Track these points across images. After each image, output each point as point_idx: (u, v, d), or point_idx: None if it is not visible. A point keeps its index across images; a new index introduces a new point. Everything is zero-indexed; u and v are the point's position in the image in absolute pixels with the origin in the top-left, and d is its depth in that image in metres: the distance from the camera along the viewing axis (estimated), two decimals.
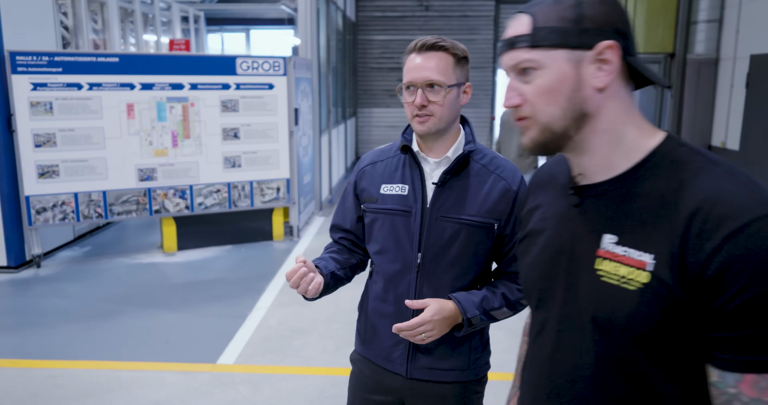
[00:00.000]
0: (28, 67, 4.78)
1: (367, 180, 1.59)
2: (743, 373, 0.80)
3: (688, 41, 6.81)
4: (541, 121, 0.89)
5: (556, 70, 0.87)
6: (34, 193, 4.87)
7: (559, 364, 0.96)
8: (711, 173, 0.83)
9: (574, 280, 0.93)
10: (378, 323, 1.57)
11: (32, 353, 3.48)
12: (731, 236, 0.77)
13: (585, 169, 0.93)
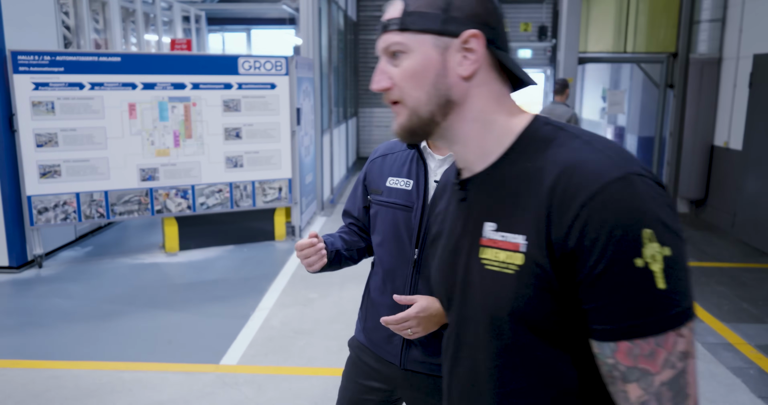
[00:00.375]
0: (30, 66, 4.77)
1: (377, 171, 1.62)
2: (617, 341, 0.78)
3: (691, 41, 6.79)
4: (408, 105, 0.89)
5: (422, 55, 0.87)
6: (35, 193, 4.86)
7: (462, 363, 0.95)
8: (570, 145, 0.83)
9: (468, 275, 0.91)
10: (376, 313, 1.61)
11: (34, 354, 3.47)
12: (586, 203, 0.76)
13: (464, 160, 0.93)
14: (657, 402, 0.78)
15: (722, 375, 3.29)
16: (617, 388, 0.81)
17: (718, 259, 5.49)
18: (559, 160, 0.82)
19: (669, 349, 0.77)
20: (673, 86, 6.99)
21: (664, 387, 0.77)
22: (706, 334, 3.81)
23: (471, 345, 0.93)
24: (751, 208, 5.90)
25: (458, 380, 0.96)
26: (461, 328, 0.95)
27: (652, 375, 0.77)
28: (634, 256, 0.75)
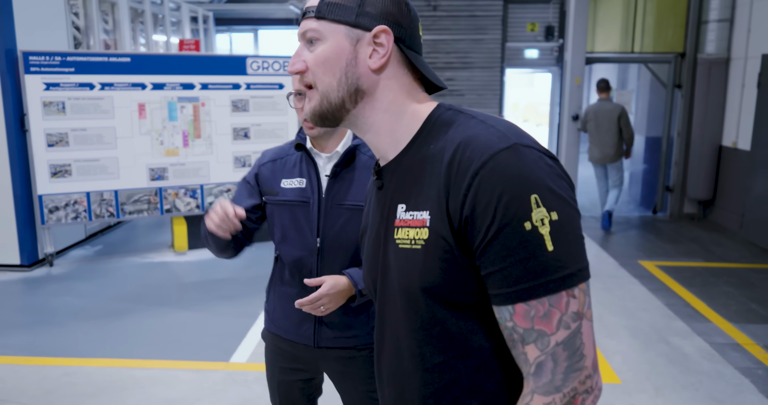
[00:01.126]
0: (41, 67, 4.82)
1: (268, 175, 1.75)
2: (513, 304, 0.81)
3: (699, 41, 6.77)
4: (320, 89, 0.93)
5: (334, 43, 0.91)
6: (46, 192, 4.90)
7: (388, 345, 0.98)
8: (466, 125, 0.88)
9: (385, 258, 0.95)
10: (285, 304, 1.75)
11: (46, 351, 3.51)
12: (477, 172, 0.81)
13: (378, 149, 0.97)
14: (553, 362, 0.80)
15: (730, 375, 3.29)
16: (518, 350, 0.83)
17: (725, 259, 5.48)
18: (455, 138, 0.86)
19: (562, 310, 0.80)
20: (680, 86, 6.97)
21: (560, 347, 0.80)
22: (714, 335, 3.81)
23: (393, 325, 0.96)
24: (760, 208, 5.88)
25: (386, 361, 1.00)
26: (383, 310, 0.98)
27: (548, 335, 0.80)
28: (523, 220, 0.78)
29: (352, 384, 1.78)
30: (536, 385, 0.82)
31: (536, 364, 0.81)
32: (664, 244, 6.03)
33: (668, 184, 7.23)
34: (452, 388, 0.90)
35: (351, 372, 1.77)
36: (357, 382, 1.77)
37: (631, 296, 4.47)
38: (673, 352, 3.54)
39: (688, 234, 6.39)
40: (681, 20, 6.93)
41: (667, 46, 7.04)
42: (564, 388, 0.80)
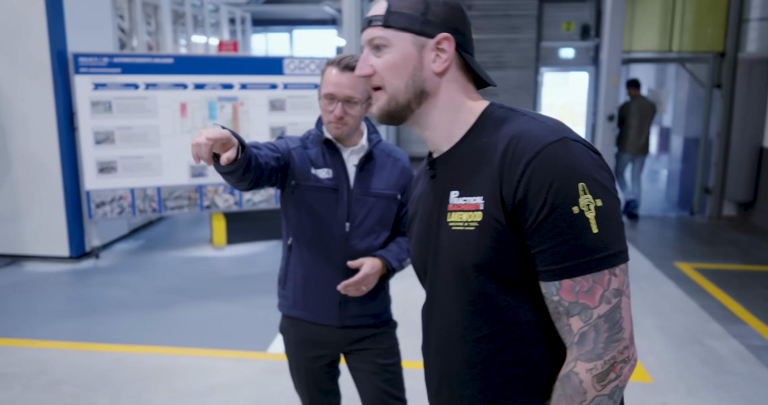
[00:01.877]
0: (90, 67, 5.03)
1: (300, 160, 1.83)
2: (560, 279, 0.91)
3: (740, 40, 6.65)
4: (388, 92, 1.03)
5: (402, 49, 1.01)
6: (93, 187, 5.12)
7: (436, 319, 1.08)
8: (518, 121, 0.99)
9: (438, 240, 1.05)
10: (310, 287, 1.86)
11: (95, 338, 3.69)
12: (530, 161, 0.91)
13: (434, 144, 1.08)
14: (595, 332, 0.91)
15: (765, 377, 3.26)
16: (562, 322, 0.94)
17: (765, 262, 5.38)
18: (508, 133, 0.97)
19: (604, 286, 0.90)
20: (720, 86, 6.85)
21: (601, 319, 0.91)
22: (750, 337, 3.78)
23: (443, 302, 1.05)
24: None
25: (434, 334, 1.09)
26: (434, 289, 1.08)
27: (591, 309, 0.91)
28: (571, 205, 0.89)
29: (371, 359, 1.90)
30: (579, 352, 0.92)
31: (580, 334, 0.92)
32: (702, 246, 5.95)
33: (707, 186, 7.12)
34: (498, 357, 1.00)
35: (372, 348, 1.90)
36: (377, 357, 1.91)
37: (665, 298, 4.45)
38: (707, 354, 3.52)
39: (726, 236, 6.28)
40: (721, 19, 6.80)
41: (706, 45, 6.93)
42: (605, 356, 0.90)
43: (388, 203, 1.88)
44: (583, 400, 0.91)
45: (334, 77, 1.74)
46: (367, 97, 1.77)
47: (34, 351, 3.51)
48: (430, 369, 1.12)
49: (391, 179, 1.88)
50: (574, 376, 0.92)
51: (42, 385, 3.11)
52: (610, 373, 0.90)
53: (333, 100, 1.74)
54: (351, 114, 1.76)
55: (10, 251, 5.17)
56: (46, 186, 5.05)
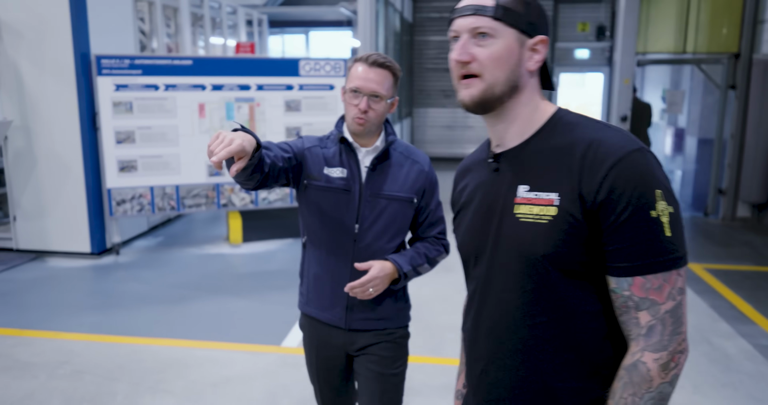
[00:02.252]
0: (112, 69, 5.18)
1: (312, 160, 1.83)
2: (633, 276, 0.99)
3: (755, 41, 6.62)
4: (487, 81, 1.07)
5: (507, 43, 1.06)
6: (114, 185, 5.27)
7: (494, 304, 1.13)
8: (593, 127, 1.07)
9: (500, 229, 1.11)
10: (320, 285, 1.87)
11: (115, 330, 3.82)
12: (614, 166, 0.99)
13: (502, 137, 1.13)
14: (662, 326, 0.99)
15: None
16: (630, 315, 1.01)
17: None
18: (586, 137, 1.04)
19: (672, 285, 0.99)
20: (735, 87, 6.83)
21: (668, 314, 1.00)
22: (759, 337, 3.80)
23: (500, 288, 1.11)
24: None
25: (487, 317, 1.14)
26: (491, 275, 1.13)
27: (659, 304, 0.99)
28: (650, 209, 0.98)
29: (372, 366, 1.85)
30: (647, 343, 1.00)
31: (648, 327, 1.00)
32: (714, 247, 5.94)
33: (721, 187, 7.10)
34: (554, 342, 1.07)
35: (375, 354, 1.85)
36: (378, 364, 1.85)
37: None
38: (715, 352, 3.55)
39: (740, 237, 6.27)
40: (736, 20, 6.79)
41: (721, 46, 6.91)
42: (669, 347, 0.99)
43: (401, 206, 1.83)
44: (650, 387, 0.99)
45: (362, 72, 1.74)
46: (392, 95, 1.78)
47: (58, 342, 3.65)
48: (478, 351, 1.17)
49: (407, 182, 1.83)
50: (642, 365, 0.99)
51: (65, 375, 3.24)
52: (671, 363, 0.99)
53: (358, 94, 1.74)
54: (375, 109, 1.75)
55: (35, 247, 5.34)
56: (68, 184, 5.21)
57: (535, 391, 1.08)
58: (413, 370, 3.26)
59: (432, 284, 4.69)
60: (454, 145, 12.42)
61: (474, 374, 1.18)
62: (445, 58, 12.09)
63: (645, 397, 0.99)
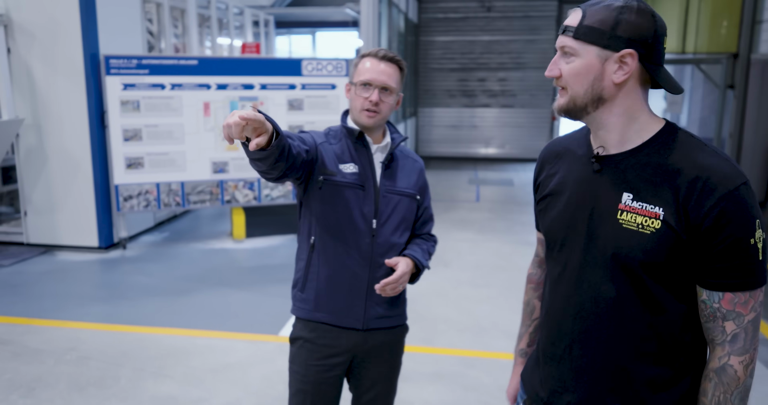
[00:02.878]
0: (120, 69, 5.34)
1: (329, 154, 1.81)
2: (724, 292, 1.14)
3: (753, 41, 6.69)
4: (569, 94, 1.19)
5: (586, 60, 1.16)
6: (122, 182, 5.43)
7: (584, 292, 1.25)
8: (704, 151, 1.15)
9: (597, 227, 1.21)
10: (335, 287, 1.81)
11: (121, 320, 3.97)
12: (724, 197, 1.10)
13: (605, 142, 1.22)
14: (745, 333, 1.16)
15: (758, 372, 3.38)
16: (717, 324, 1.17)
17: None
18: (697, 162, 1.14)
19: (756, 300, 1.15)
20: (733, 87, 6.90)
21: (750, 324, 1.16)
22: None
23: (593, 281, 1.23)
24: None
25: (576, 304, 1.26)
26: (583, 267, 1.24)
27: (743, 316, 1.15)
28: (750, 236, 1.11)
29: (381, 368, 1.88)
30: (732, 348, 1.16)
31: (732, 335, 1.15)
32: None
33: None
34: (639, 331, 1.21)
35: (384, 355, 1.88)
36: (388, 364, 1.90)
37: None
38: None
39: None
40: (735, 20, 6.85)
41: (720, 46, 6.98)
42: (750, 351, 1.16)
43: (410, 202, 1.87)
44: (738, 385, 1.16)
45: (372, 66, 1.75)
46: (400, 90, 1.81)
47: (66, 331, 3.80)
48: (562, 330, 1.29)
49: (411, 179, 1.88)
50: (730, 368, 1.15)
51: (72, 360, 3.39)
52: (751, 363, 1.16)
53: (369, 86, 1.74)
54: (386, 101, 1.76)
55: (44, 241, 5.51)
56: (77, 180, 5.38)
57: (613, 371, 1.23)
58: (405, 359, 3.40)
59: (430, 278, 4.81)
60: (459, 145, 12.53)
61: (559, 346, 1.31)
62: (450, 58, 12.21)
63: (734, 393, 1.16)
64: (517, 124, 12.28)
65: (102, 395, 3.04)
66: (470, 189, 9.10)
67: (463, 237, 6.16)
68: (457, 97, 12.38)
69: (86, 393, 3.06)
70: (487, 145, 12.47)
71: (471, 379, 3.24)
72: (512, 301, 4.27)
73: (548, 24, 11.96)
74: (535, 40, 12.01)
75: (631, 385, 1.22)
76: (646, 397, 1.21)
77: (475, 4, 11.89)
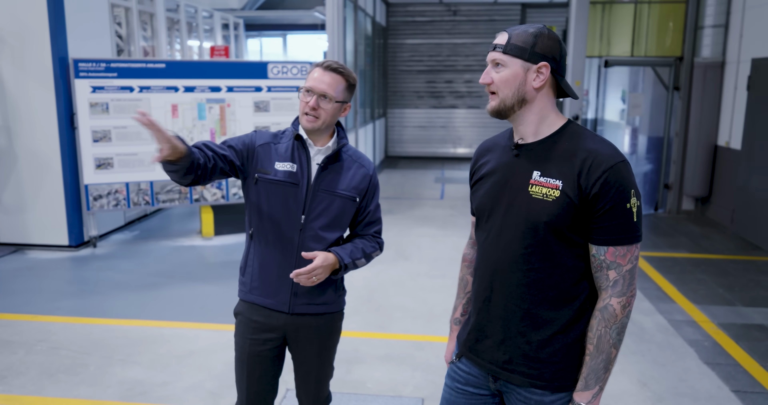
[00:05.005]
0: (89, 72, 5.50)
1: (263, 156, 1.99)
2: (607, 246, 1.45)
3: (696, 45, 7.10)
4: (500, 97, 1.50)
5: (513, 70, 1.48)
6: (91, 182, 5.59)
7: (501, 250, 1.55)
8: (593, 139, 1.49)
9: (514, 198, 1.52)
10: (265, 274, 1.99)
11: (91, 313, 4.15)
12: (606, 171, 1.42)
13: (523, 135, 1.54)
14: (623, 280, 1.46)
15: (678, 345, 3.71)
16: (603, 273, 1.47)
17: (710, 251, 5.83)
18: (587, 146, 1.47)
19: (632, 253, 1.46)
20: (679, 88, 7.31)
21: (627, 272, 1.46)
22: (675, 313, 4.22)
23: (508, 241, 1.53)
24: (750, 204, 6.20)
25: (494, 262, 1.57)
26: (501, 231, 1.55)
27: (622, 266, 1.46)
28: (626, 202, 1.43)
29: (311, 347, 2.05)
30: (613, 292, 1.46)
31: (614, 281, 1.46)
32: (656, 237, 6.39)
33: (667, 182, 7.57)
34: (540, 282, 1.51)
35: (314, 337, 2.04)
36: (319, 344, 2.05)
37: None
38: (632, 326, 3.97)
39: (682, 229, 6.72)
40: (679, 26, 7.27)
41: (666, 50, 7.39)
42: (627, 294, 1.46)
43: (345, 203, 1.99)
44: (615, 321, 1.46)
45: (317, 75, 1.93)
46: (342, 99, 1.95)
47: (37, 324, 3.97)
48: (484, 283, 1.59)
49: (352, 182, 2.00)
50: (610, 306, 1.46)
51: (42, 350, 3.57)
52: (627, 304, 1.46)
53: (310, 93, 1.91)
54: (324, 108, 1.90)
55: (15, 240, 5.63)
56: (48, 180, 5.52)
57: (521, 316, 1.52)
58: (360, 343, 3.68)
59: (389, 270, 5.09)
60: (428, 145, 12.83)
61: (480, 300, 1.60)
62: (418, 61, 12.51)
63: (613, 327, 1.46)
64: (484, 124, 12.63)
65: (71, 381, 3.23)
66: (435, 187, 9.39)
67: (425, 232, 6.44)
68: (426, 98, 12.69)
69: (56, 379, 3.24)
70: (456, 145, 12.80)
71: (420, 360, 3.51)
72: None
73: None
74: None
75: (535, 327, 1.51)
76: (548, 336, 1.51)
77: (441, 8, 12.21)
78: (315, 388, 2.14)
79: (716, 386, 3.24)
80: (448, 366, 1.78)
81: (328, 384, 2.20)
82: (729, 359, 3.54)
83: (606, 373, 1.49)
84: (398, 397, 3.12)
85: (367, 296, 4.50)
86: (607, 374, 1.49)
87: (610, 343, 1.46)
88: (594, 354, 1.47)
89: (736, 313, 4.24)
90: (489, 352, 1.59)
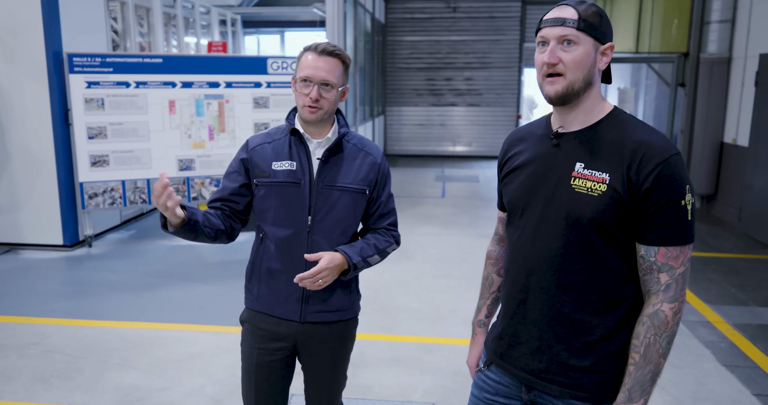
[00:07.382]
0: (84, 67, 5.35)
1: (259, 158, 1.84)
2: (659, 246, 1.32)
3: (702, 41, 7.00)
4: (569, 79, 1.33)
5: (587, 49, 1.33)
6: (87, 180, 5.44)
7: (538, 249, 1.41)
8: (644, 129, 1.36)
9: (553, 192, 1.39)
10: (274, 281, 1.85)
11: (86, 315, 4.01)
12: (659, 164, 1.29)
13: (568, 121, 1.40)
14: (676, 284, 1.33)
15: (694, 346, 3.60)
16: (653, 276, 1.34)
17: (719, 250, 5.73)
18: (638, 137, 1.33)
19: (685, 255, 1.33)
20: (684, 85, 7.20)
21: (680, 276, 1.33)
22: (688, 313, 4.11)
23: (547, 239, 1.40)
24: (757, 202, 6.10)
25: (530, 262, 1.43)
26: (539, 227, 1.41)
27: (675, 269, 1.33)
28: (681, 199, 1.30)
29: (324, 357, 1.90)
30: (665, 296, 1.33)
31: (665, 285, 1.33)
32: None
33: None
34: (583, 284, 1.38)
35: (326, 346, 1.89)
36: (331, 354, 1.90)
37: None
38: None
39: None
40: (685, 21, 7.16)
41: (671, 46, 7.28)
42: (679, 299, 1.33)
43: (354, 198, 1.82)
44: (666, 328, 1.33)
45: (312, 61, 1.74)
46: (342, 84, 1.78)
47: (30, 326, 3.83)
48: (517, 286, 1.46)
49: (359, 173, 1.83)
50: (661, 312, 1.32)
51: (36, 354, 3.43)
52: (678, 311, 1.33)
53: (309, 83, 1.74)
54: (326, 97, 1.74)
55: (8, 240, 5.49)
56: (42, 178, 5.37)
57: (561, 321, 1.39)
58: (366, 346, 3.55)
59: (393, 270, 4.97)
60: (427, 143, 12.71)
61: (513, 303, 1.47)
62: (417, 58, 12.38)
63: (663, 335, 1.33)
64: (484, 122, 12.52)
65: (66, 387, 3.09)
66: (436, 185, 9.28)
67: (427, 231, 6.32)
68: (425, 96, 12.57)
69: (50, 384, 3.11)
70: (455, 143, 12.68)
71: (429, 364, 3.39)
72: (471, 290, 4.43)
73: (512, 24, 12.22)
74: (499, 40, 12.25)
75: (576, 333, 1.38)
76: (589, 344, 1.38)
77: (441, 4, 12.08)
78: (327, 400, 1.98)
79: (737, 390, 3.13)
80: (472, 374, 1.66)
81: (340, 395, 2.04)
82: (747, 361, 3.43)
83: (652, 385, 1.35)
84: (408, 402, 2.99)
85: (371, 297, 4.37)
86: (653, 386, 1.36)
87: (659, 353, 1.33)
88: (641, 364, 1.34)
89: (751, 313, 4.14)
90: (523, 359, 1.45)
